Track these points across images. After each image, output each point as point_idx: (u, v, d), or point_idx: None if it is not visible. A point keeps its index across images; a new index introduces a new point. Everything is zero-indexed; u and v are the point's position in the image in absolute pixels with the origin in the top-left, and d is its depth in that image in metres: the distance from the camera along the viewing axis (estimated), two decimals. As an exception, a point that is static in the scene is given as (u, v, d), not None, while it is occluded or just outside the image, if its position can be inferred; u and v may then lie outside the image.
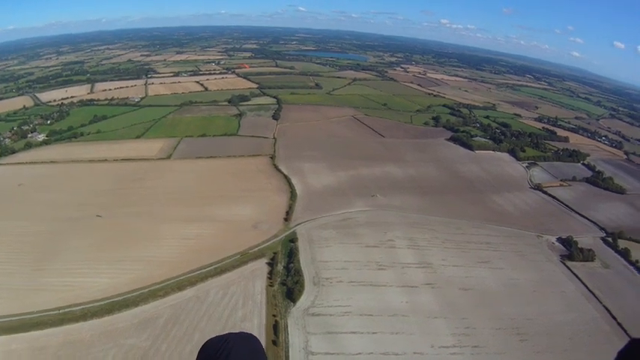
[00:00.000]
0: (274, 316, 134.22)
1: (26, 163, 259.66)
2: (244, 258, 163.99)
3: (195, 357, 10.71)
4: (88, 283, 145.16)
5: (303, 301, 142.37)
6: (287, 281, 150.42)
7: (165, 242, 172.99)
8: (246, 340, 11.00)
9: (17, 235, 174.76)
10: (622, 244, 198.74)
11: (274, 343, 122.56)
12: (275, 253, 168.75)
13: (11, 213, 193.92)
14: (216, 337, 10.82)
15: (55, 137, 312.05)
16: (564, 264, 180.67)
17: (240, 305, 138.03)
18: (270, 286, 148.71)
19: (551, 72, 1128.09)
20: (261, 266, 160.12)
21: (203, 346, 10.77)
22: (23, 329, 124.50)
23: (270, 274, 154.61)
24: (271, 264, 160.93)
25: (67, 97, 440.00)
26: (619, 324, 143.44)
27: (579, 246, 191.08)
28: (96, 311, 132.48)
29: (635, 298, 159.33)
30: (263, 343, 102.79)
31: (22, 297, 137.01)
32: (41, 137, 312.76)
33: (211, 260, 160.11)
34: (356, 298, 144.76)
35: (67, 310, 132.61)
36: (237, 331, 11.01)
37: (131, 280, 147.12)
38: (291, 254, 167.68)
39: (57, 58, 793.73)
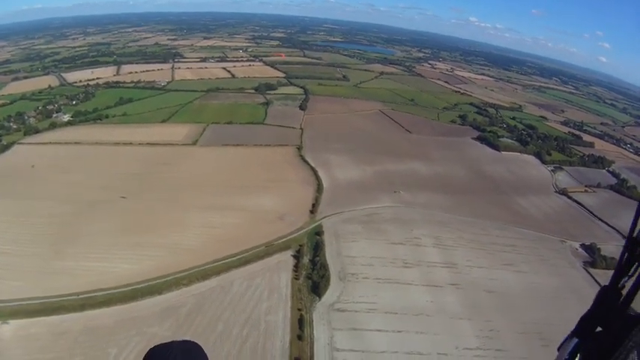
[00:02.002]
0: (299, 310, 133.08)
1: (50, 143, 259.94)
2: (270, 249, 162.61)
3: None
4: (110, 268, 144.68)
5: (329, 296, 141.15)
6: (312, 275, 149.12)
7: (190, 229, 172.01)
8: (190, 350, 10.08)
9: (38, 215, 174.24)
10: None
11: (299, 337, 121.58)
12: (301, 245, 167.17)
13: (32, 193, 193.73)
14: (160, 345, 9.87)
15: (80, 118, 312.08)
16: (587, 270, 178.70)
17: (265, 297, 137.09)
18: (296, 279, 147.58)
19: (578, 76, 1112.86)
20: (286, 258, 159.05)
21: (145, 355, 9.71)
22: (43, 313, 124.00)
23: (296, 267, 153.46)
24: (297, 257, 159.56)
25: (93, 79, 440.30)
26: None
27: (602, 253, 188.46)
28: (118, 297, 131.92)
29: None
30: (288, 337, 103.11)
31: (42, 280, 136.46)
32: (66, 118, 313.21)
33: (236, 250, 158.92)
34: (381, 295, 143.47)
35: (88, 295, 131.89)
36: (180, 339, 10.12)
37: (154, 267, 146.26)
38: (317, 248, 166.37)
39: (83, 39, 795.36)
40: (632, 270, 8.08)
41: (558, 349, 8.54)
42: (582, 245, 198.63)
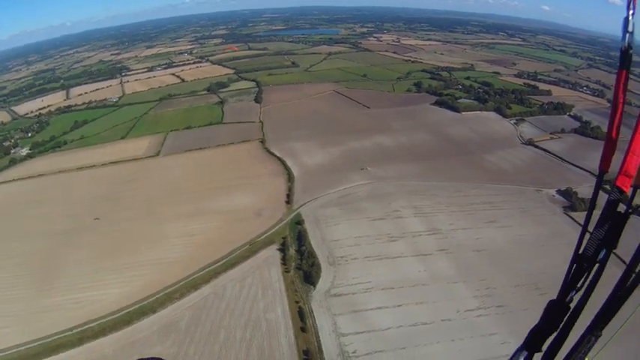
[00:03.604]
0: (297, 302, 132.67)
1: (13, 180, 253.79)
2: (254, 247, 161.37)
3: None
4: (99, 296, 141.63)
5: (323, 283, 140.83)
6: (302, 265, 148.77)
7: (170, 242, 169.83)
8: None
9: (14, 256, 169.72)
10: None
11: (303, 329, 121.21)
12: (284, 237, 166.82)
13: (3, 234, 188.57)
14: None
15: (39, 149, 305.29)
16: (568, 215, 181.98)
17: (260, 296, 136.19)
18: (286, 272, 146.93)
19: (524, 27, 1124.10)
20: (272, 253, 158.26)
21: None
22: (42, 355, 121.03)
23: (284, 260, 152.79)
24: (282, 249, 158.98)
25: (44, 107, 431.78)
26: (624, 262, 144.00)
27: (579, 196, 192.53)
28: (114, 324, 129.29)
29: (636, 238, 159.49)
30: (291, 331, 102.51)
31: (33, 322, 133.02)
32: (24, 151, 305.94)
33: (221, 254, 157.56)
34: (374, 273, 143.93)
35: (83, 327, 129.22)
36: (147, 357, 9.74)
37: (143, 287, 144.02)
38: (301, 237, 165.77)
39: (27, 69, 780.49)
40: (580, 284, 9.31)
41: None
42: (558, 191, 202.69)
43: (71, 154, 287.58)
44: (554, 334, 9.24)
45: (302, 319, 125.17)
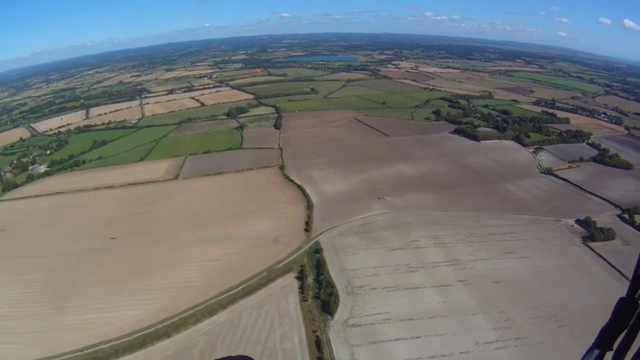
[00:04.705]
0: (314, 331, 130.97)
1: (31, 196, 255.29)
2: (272, 274, 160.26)
3: None
4: (113, 318, 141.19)
5: (341, 312, 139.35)
6: (320, 294, 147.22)
7: (187, 266, 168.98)
8: None
9: (30, 273, 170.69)
10: (638, 219, 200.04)
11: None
12: (302, 266, 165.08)
13: (21, 250, 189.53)
14: None
15: (57, 167, 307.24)
16: (587, 245, 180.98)
17: (277, 324, 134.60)
18: (304, 300, 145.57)
19: (540, 54, 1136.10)
20: (290, 281, 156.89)
21: None
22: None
23: (302, 289, 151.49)
24: (301, 278, 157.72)
25: (64, 125, 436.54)
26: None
27: (598, 226, 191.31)
28: (126, 347, 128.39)
29: None
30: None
31: (45, 339, 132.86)
32: (42, 168, 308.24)
33: (238, 280, 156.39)
34: (393, 303, 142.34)
35: (95, 348, 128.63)
36: (235, 355, 9.42)
37: (159, 310, 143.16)
38: (319, 265, 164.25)
39: (47, 87, 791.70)
40: None
41: None
42: (577, 221, 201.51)
43: (89, 173, 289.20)
44: (625, 331, 8.70)
45: (319, 349, 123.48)
